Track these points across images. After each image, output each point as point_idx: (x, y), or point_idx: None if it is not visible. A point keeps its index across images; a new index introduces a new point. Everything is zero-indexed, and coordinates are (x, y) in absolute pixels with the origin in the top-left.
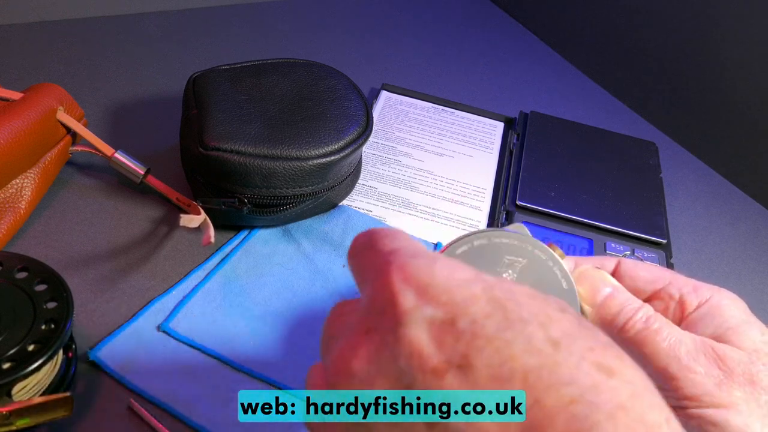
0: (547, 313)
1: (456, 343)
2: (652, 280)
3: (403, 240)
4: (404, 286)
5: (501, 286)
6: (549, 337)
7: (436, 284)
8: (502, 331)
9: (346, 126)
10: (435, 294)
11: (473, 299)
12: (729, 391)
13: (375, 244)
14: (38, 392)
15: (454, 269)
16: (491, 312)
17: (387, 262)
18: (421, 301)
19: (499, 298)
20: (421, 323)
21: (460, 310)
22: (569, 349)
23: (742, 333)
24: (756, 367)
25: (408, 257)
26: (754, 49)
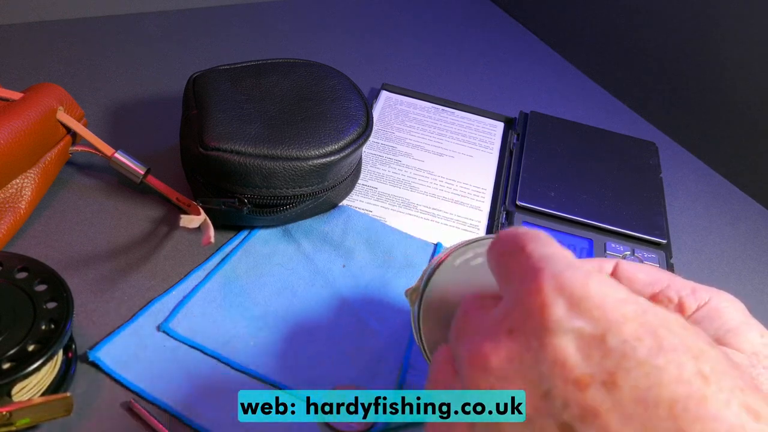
0: (699, 346)
1: (603, 359)
2: (650, 282)
3: (555, 247)
4: (556, 295)
5: (655, 312)
6: (699, 370)
7: (589, 298)
8: (654, 357)
9: (346, 126)
10: (587, 308)
11: (625, 320)
12: None
13: (525, 247)
14: (38, 392)
15: (609, 287)
16: (643, 336)
17: (539, 268)
18: (572, 313)
19: (652, 323)
20: (569, 334)
21: (612, 328)
22: (719, 384)
23: (742, 335)
24: (756, 370)
25: (563, 266)
26: (754, 49)
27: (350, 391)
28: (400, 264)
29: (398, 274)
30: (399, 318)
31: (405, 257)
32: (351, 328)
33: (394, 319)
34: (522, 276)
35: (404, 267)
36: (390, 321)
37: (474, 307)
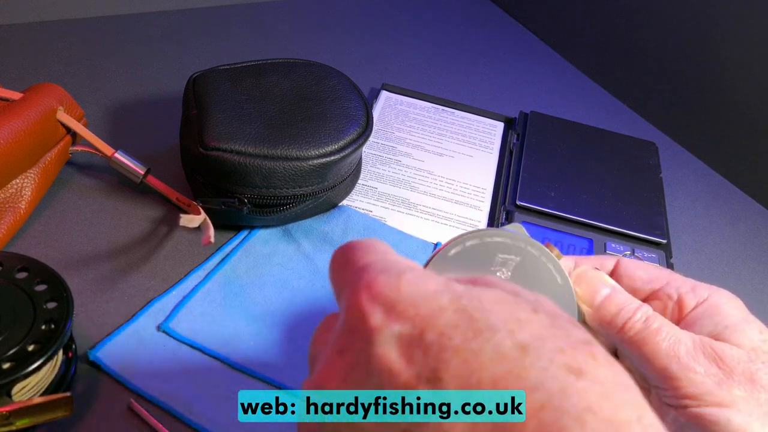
0: (516, 317)
1: (425, 357)
2: (649, 279)
3: (375, 253)
4: (372, 304)
5: (469, 295)
6: (517, 343)
7: (402, 299)
8: (469, 341)
9: (346, 126)
10: (402, 309)
11: (440, 311)
12: (729, 389)
13: (348, 259)
14: (38, 392)
15: (421, 281)
16: (458, 322)
17: (357, 279)
18: (389, 318)
19: (466, 307)
20: (390, 340)
21: (427, 323)
22: (537, 352)
23: (741, 332)
24: (755, 366)
25: (376, 273)
26: (754, 49)
27: (350, 391)
28: None
29: None
30: None
31: (405, 257)
32: None
33: None
34: (346, 291)
35: None
36: None
37: (321, 330)
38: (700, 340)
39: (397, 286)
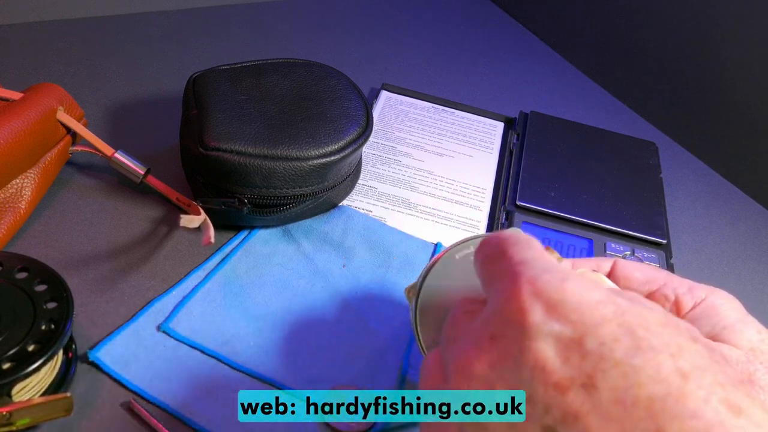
0: (678, 343)
1: (582, 361)
2: (646, 281)
3: (535, 251)
4: (533, 300)
5: (633, 311)
6: (678, 368)
7: (566, 301)
8: (631, 357)
9: (346, 126)
10: (564, 311)
11: (603, 321)
12: None
13: (505, 252)
14: (38, 392)
15: (586, 289)
16: (621, 336)
17: (517, 273)
18: (549, 317)
19: (630, 323)
20: (547, 338)
21: (589, 330)
22: (698, 382)
23: (739, 332)
24: (753, 366)
25: (540, 271)
26: (755, 49)
27: (350, 391)
28: (400, 264)
29: (398, 274)
30: (399, 318)
31: (405, 257)
32: (351, 328)
33: (394, 319)
34: (501, 281)
35: (404, 267)
36: (390, 321)
37: (461, 312)
38: None
39: (562, 288)
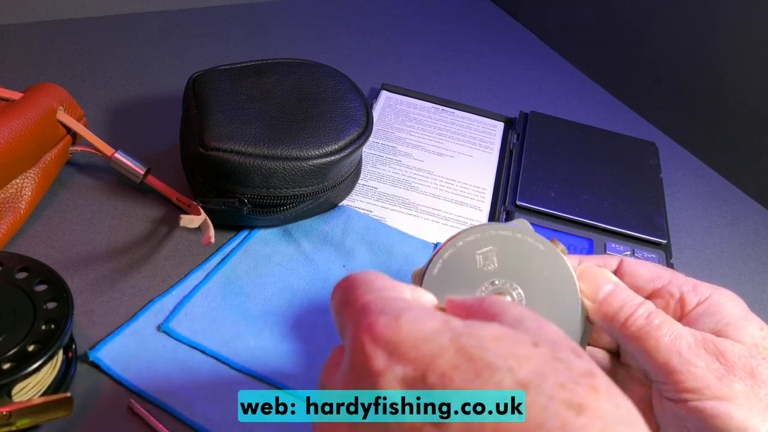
0: (516, 354)
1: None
2: (652, 278)
3: (375, 290)
4: (374, 347)
5: (468, 332)
6: (517, 381)
7: (402, 341)
8: (470, 382)
9: (346, 126)
10: (403, 351)
11: (440, 351)
12: (730, 384)
13: (348, 299)
14: (38, 392)
15: (420, 321)
16: (458, 363)
17: (358, 320)
18: (391, 360)
19: (465, 346)
20: (393, 383)
21: (428, 364)
22: (538, 389)
23: (742, 328)
24: (756, 361)
25: (376, 315)
26: (754, 49)
27: (350, 391)
28: (400, 264)
29: (398, 274)
30: None
31: (405, 257)
32: None
33: None
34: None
35: (404, 267)
36: None
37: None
38: (702, 336)
39: (397, 327)
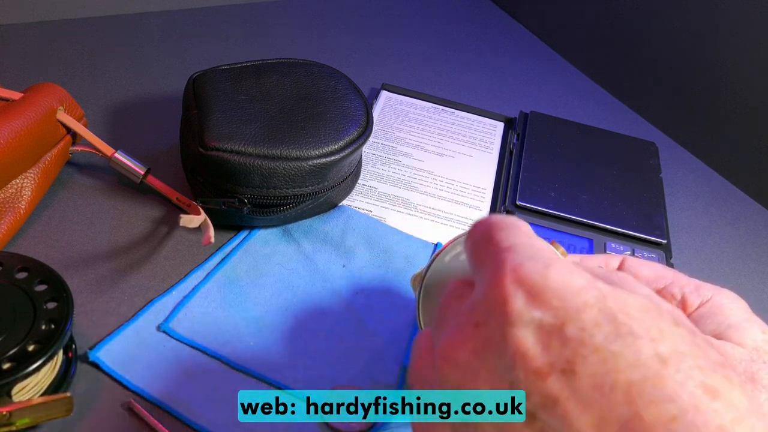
0: (659, 328)
1: (562, 348)
2: (654, 279)
3: (522, 236)
4: (516, 288)
5: (615, 296)
6: (657, 353)
7: (548, 288)
8: (610, 343)
9: (346, 126)
10: (546, 298)
11: (584, 307)
12: None
13: (492, 237)
14: (38, 392)
15: (569, 275)
16: (601, 322)
17: (502, 260)
18: (531, 304)
19: (612, 308)
20: (529, 325)
21: (570, 316)
22: (677, 366)
23: (743, 331)
24: (756, 365)
25: (524, 257)
26: (754, 49)
27: (350, 391)
28: (400, 264)
29: (398, 274)
30: (399, 318)
31: (405, 257)
32: (351, 328)
33: (394, 319)
34: (487, 268)
35: (404, 267)
36: (390, 321)
37: (452, 295)
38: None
39: (545, 275)
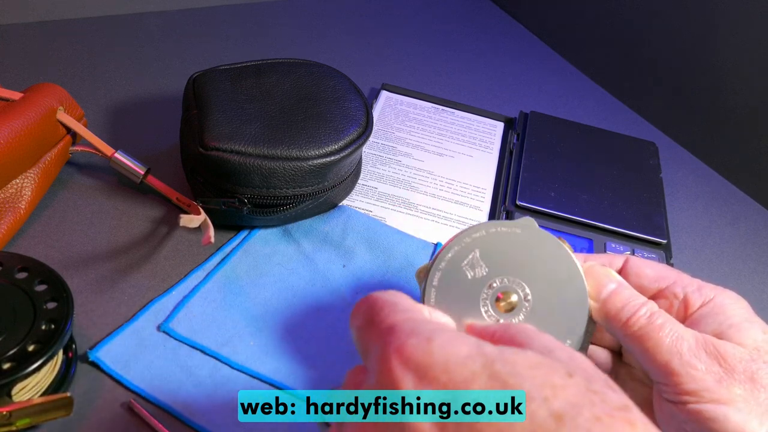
0: (552, 383)
1: (457, 428)
2: (657, 278)
3: (400, 311)
4: (403, 370)
5: (502, 359)
6: (552, 412)
7: (434, 365)
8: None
9: (346, 126)
10: (434, 375)
11: (473, 377)
12: (729, 387)
13: (373, 319)
14: (38, 392)
15: (452, 345)
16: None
17: (386, 342)
18: (421, 385)
19: (500, 372)
20: (422, 409)
21: (460, 389)
22: (574, 422)
23: (744, 331)
24: (757, 365)
25: (405, 337)
26: (754, 49)
27: (350, 391)
28: (400, 264)
29: (398, 274)
30: None
31: (405, 257)
32: None
33: None
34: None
35: (404, 267)
36: None
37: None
38: (703, 338)
39: (429, 350)
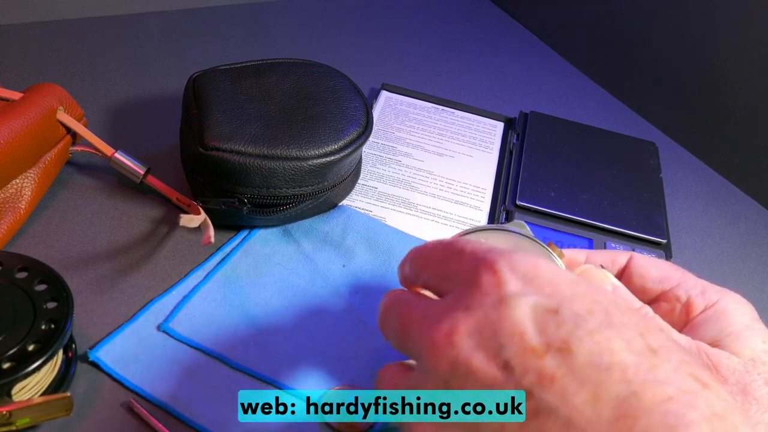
0: (646, 325)
1: (558, 329)
2: (660, 279)
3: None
4: (510, 273)
5: (605, 293)
6: (648, 345)
7: (541, 275)
8: (604, 328)
9: (346, 126)
10: (540, 284)
11: (577, 296)
12: None
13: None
14: (38, 392)
15: (558, 269)
16: (595, 311)
17: (488, 258)
18: (526, 288)
19: (602, 301)
20: (524, 306)
21: (565, 301)
22: (667, 356)
23: (743, 340)
24: (750, 377)
25: (512, 252)
26: (754, 49)
27: (350, 391)
28: None
29: None
30: None
31: None
32: (351, 328)
33: None
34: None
35: None
36: None
37: (411, 298)
38: (697, 347)
39: (536, 264)
